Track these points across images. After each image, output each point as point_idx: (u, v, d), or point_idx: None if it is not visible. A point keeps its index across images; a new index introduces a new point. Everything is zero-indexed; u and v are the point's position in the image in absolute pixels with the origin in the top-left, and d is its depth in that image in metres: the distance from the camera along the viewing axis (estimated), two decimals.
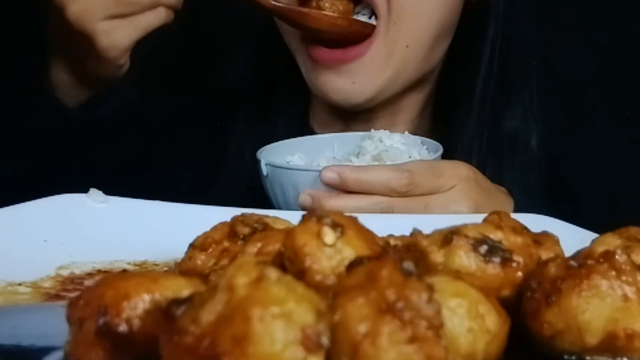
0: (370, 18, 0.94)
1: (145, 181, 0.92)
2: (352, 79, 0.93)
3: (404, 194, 0.76)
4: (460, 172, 0.80)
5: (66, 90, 0.90)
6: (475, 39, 1.04)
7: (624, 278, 0.44)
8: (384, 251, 0.47)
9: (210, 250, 0.53)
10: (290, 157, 0.90)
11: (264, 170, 0.84)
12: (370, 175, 0.77)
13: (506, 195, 0.87)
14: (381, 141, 0.88)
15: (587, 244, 0.49)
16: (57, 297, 0.57)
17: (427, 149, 0.89)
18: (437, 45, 0.99)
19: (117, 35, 0.82)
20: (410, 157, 0.86)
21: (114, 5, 0.81)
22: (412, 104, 1.06)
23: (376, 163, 0.85)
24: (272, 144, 0.91)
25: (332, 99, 0.94)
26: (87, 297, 0.43)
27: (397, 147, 0.88)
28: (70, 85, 0.90)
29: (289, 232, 0.46)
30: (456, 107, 1.05)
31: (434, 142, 0.90)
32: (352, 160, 0.86)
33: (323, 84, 0.93)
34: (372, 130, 0.92)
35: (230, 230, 0.54)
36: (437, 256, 0.47)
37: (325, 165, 0.86)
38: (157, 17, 0.83)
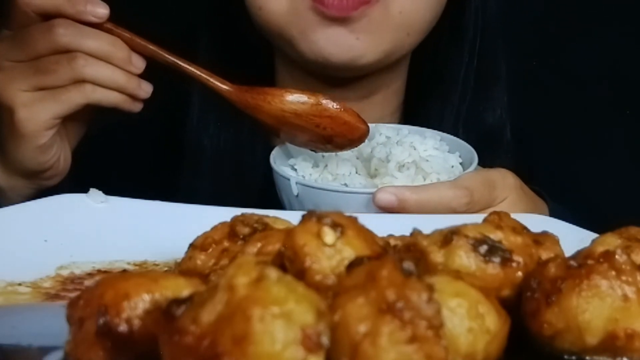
0: None
1: (145, 181, 0.91)
2: (355, 35, 0.90)
3: (462, 213, 0.73)
4: (509, 182, 0.78)
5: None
6: (453, 36, 1.03)
7: (624, 278, 0.44)
8: (384, 251, 0.47)
9: (210, 250, 0.53)
10: (294, 160, 0.88)
11: (294, 190, 0.78)
12: (431, 195, 0.72)
13: (540, 199, 0.86)
14: (415, 148, 0.83)
15: (587, 244, 0.49)
16: (57, 297, 0.57)
17: (447, 148, 0.86)
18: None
19: (37, 108, 0.78)
20: (453, 166, 0.83)
21: (34, 76, 0.77)
22: (383, 100, 1.04)
23: (420, 176, 0.80)
24: (275, 149, 0.86)
25: (335, 56, 0.90)
26: (87, 297, 0.43)
27: (435, 154, 0.83)
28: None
29: (289, 232, 0.46)
30: (430, 105, 1.04)
31: (454, 138, 0.87)
32: (395, 175, 0.80)
33: (327, 40, 0.89)
34: (377, 124, 0.88)
35: (230, 230, 0.54)
36: (437, 256, 0.47)
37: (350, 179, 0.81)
38: (80, 94, 0.78)
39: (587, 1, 1.26)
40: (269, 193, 0.84)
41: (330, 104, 0.81)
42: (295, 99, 0.80)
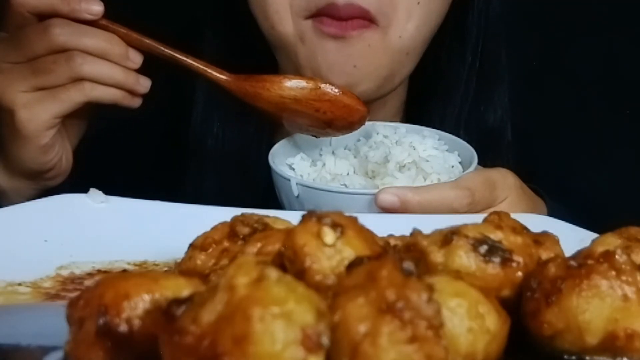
0: None
1: (150, 181, 0.91)
2: (353, 63, 0.90)
3: (463, 213, 0.73)
4: (509, 181, 0.78)
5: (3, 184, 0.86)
6: (456, 37, 1.03)
7: (624, 278, 0.44)
8: (384, 251, 0.47)
9: (210, 250, 0.53)
10: (292, 159, 0.88)
11: (295, 190, 0.78)
12: (433, 196, 0.73)
13: (539, 198, 0.86)
14: (414, 148, 0.83)
15: (587, 244, 0.49)
16: (57, 297, 0.57)
17: (446, 147, 0.87)
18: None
19: (37, 108, 0.78)
20: (452, 166, 0.83)
21: (32, 77, 0.77)
22: (384, 104, 1.04)
23: (421, 177, 0.81)
24: (273, 148, 0.86)
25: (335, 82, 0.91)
26: (87, 297, 0.43)
27: (434, 154, 0.84)
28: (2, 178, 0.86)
29: (289, 232, 0.46)
30: (432, 105, 1.04)
31: (452, 137, 0.87)
32: (395, 176, 0.80)
33: (328, 69, 0.89)
34: (374, 122, 0.88)
35: (230, 230, 0.54)
36: (437, 256, 0.47)
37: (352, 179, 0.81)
38: (80, 92, 0.78)
39: (588, 2, 1.26)
40: (273, 192, 0.84)
41: (329, 88, 0.81)
42: (294, 85, 0.81)
